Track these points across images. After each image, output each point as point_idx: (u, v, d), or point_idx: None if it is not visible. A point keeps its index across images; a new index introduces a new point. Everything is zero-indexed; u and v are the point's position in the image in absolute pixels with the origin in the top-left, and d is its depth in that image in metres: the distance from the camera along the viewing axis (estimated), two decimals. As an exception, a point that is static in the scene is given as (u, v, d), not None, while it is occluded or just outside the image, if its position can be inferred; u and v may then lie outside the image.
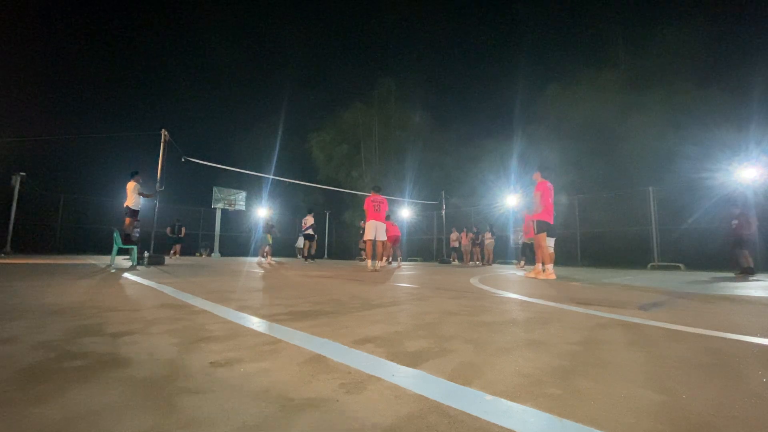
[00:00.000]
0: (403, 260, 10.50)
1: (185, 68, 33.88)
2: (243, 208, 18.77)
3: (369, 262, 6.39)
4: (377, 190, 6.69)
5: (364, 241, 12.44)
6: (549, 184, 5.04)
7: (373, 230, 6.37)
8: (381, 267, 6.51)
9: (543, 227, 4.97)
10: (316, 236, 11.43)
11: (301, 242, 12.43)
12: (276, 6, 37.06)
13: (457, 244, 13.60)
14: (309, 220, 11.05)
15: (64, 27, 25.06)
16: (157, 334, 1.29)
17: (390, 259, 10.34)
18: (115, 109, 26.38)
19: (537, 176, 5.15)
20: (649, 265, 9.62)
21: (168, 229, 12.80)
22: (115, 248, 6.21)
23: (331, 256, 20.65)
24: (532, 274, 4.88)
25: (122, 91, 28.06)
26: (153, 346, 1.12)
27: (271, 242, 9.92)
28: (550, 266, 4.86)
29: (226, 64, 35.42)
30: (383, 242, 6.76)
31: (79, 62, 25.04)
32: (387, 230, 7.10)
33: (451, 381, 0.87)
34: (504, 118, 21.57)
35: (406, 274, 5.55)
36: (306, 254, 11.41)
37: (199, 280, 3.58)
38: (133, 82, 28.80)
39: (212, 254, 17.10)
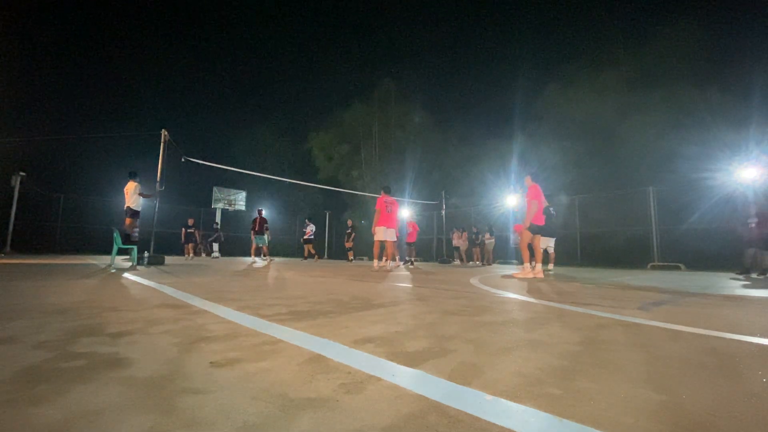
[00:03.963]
0: (401, 260, 10.51)
1: (185, 68, 33.89)
2: (243, 208, 18.78)
3: (376, 262, 6.41)
4: (387, 191, 6.70)
5: (351, 241, 12.97)
6: (539, 188, 5.25)
7: (383, 234, 6.42)
8: (384, 268, 6.51)
9: (535, 229, 5.16)
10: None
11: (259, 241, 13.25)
12: (276, 6, 37.07)
13: (459, 244, 13.62)
14: (312, 227, 13.23)
15: (64, 27, 25.07)
16: (157, 334, 1.29)
17: (413, 258, 10.70)
18: (115, 109, 26.37)
19: (528, 180, 5.34)
20: (649, 265, 9.63)
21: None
22: (115, 248, 6.21)
23: (331, 257, 20.64)
24: (520, 275, 4.92)
25: (122, 91, 28.06)
26: (153, 346, 1.12)
27: (267, 242, 10.46)
28: (531, 265, 5.12)
29: (226, 64, 35.42)
30: (391, 243, 6.78)
31: (79, 62, 25.07)
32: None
33: (451, 381, 0.87)
34: (504, 117, 21.55)
35: (406, 274, 5.55)
36: (307, 254, 13.39)
37: (199, 280, 3.58)
38: (133, 82, 28.78)
39: (212, 254, 17.09)
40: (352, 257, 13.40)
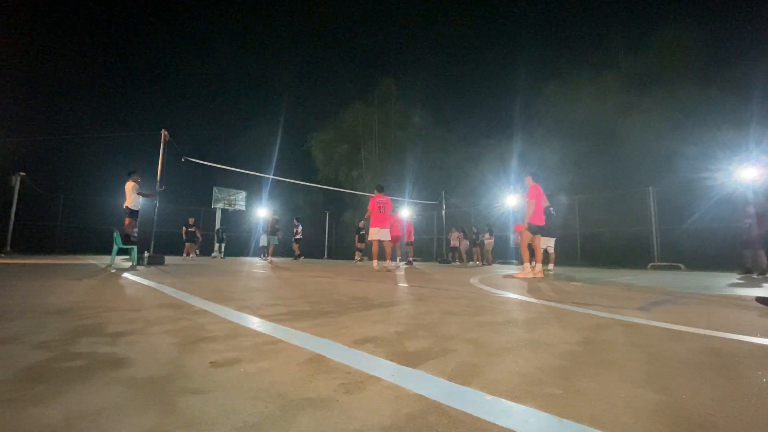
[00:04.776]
0: (402, 260, 10.50)
1: (185, 68, 33.84)
2: (243, 208, 18.77)
3: (375, 262, 6.41)
4: (380, 189, 6.70)
5: (361, 242, 12.96)
6: (540, 188, 5.25)
7: (377, 234, 6.42)
8: (385, 267, 6.50)
9: (534, 229, 5.17)
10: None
11: (264, 241, 13.47)
12: (276, 6, 37.06)
13: (457, 244, 13.61)
14: (300, 227, 13.67)
15: (64, 26, 25.06)
16: (157, 334, 1.29)
17: (411, 258, 10.72)
18: (116, 109, 26.35)
19: (529, 180, 5.34)
20: (649, 265, 9.62)
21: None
22: (115, 248, 6.21)
23: (331, 257, 20.64)
24: (520, 275, 4.92)
25: (122, 91, 28.02)
26: (153, 346, 1.12)
27: (277, 243, 10.66)
28: (531, 264, 5.12)
29: (226, 64, 35.41)
30: (389, 243, 6.77)
31: (79, 62, 25.03)
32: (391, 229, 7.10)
33: (451, 381, 0.87)
34: (504, 117, 21.55)
35: (406, 274, 5.55)
36: (298, 254, 13.55)
37: (199, 280, 3.58)
38: (133, 82, 28.75)
39: (212, 254, 17.09)
40: (358, 258, 13.35)
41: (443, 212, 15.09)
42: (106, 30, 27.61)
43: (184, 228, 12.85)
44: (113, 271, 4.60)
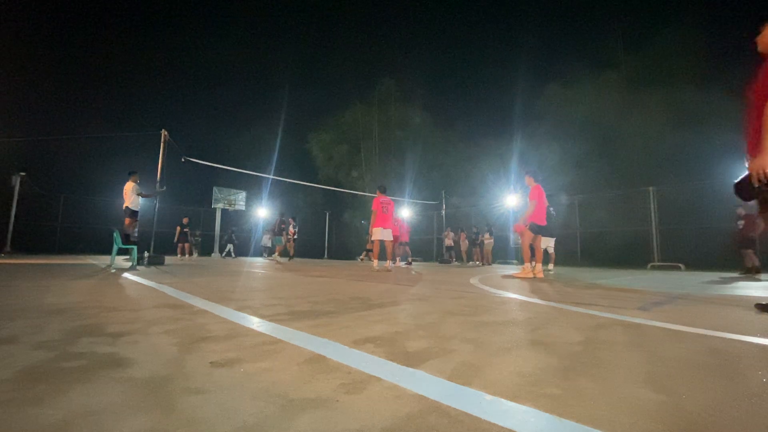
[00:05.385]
0: (402, 260, 10.50)
1: (185, 68, 33.82)
2: (243, 208, 18.78)
3: (376, 262, 6.42)
4: (383, 190, 6.72)
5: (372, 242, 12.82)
6: (541, 189, 5.25)
7: (380, 234, 6.43)
8: (385, 268, 6.50)
9: (536, 229, 5.16)
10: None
11: (267, 240, 13.33)
12: (276, 6, 37.06)
13: (451, 243, 13.62)
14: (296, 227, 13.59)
15: (64, 27, 25.06)
16: (157, 334, 1.29)
17: (409, 258, 10.69)
18: (115, 109, 26.33)
19: (530, 181, 5.30)
20: (649, 265, 9.63)
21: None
22: (115, 248, 6.20)
23: (331, 256, 20.65)
24: (521, 275, 4.92)
25: (122, 91, 27.99)
26: (153, 346, 1.12)
27: (283, 243, 10.78)
28: (531, 264, 5.10)
29: (226, 64, 35.40)
30: (390, 243, 6.78)
31: (79, 62, 25.02)
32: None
33: (451, 381, 0.87)
34: (504, 118, 21.54)
35: (407, 274, 5.55)
36: (292, 254, 13.41)
37: (199, 280, 3.58)
38: (133, 82, 28.74)
39: (212, 254, 17.10)
40: (360, 258, 13.30)
41: (443, 212, 15.10)
42: (106, 30, 27.60)
43: (178, 228, 12.81)
44: (113, 271, 4.60)
